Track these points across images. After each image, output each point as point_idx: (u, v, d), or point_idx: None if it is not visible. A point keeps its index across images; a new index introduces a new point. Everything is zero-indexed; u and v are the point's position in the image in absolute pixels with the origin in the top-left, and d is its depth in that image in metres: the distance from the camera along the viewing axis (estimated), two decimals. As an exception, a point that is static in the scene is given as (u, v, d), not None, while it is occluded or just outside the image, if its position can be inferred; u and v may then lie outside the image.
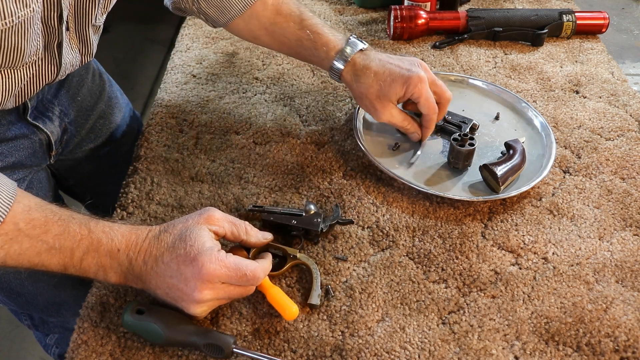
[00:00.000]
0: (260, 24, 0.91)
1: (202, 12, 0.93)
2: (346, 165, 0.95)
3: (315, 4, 1.40)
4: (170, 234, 0.67)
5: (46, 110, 0.93)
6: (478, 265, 0.80)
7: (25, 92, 0.80)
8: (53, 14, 0.73)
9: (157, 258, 0.66)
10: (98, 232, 0.67)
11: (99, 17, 0.83)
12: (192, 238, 0.66)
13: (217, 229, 0.69)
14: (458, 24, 1.26)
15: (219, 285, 0.66)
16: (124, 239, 0.67)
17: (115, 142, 1.11)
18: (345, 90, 1.11)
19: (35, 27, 0.70)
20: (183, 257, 0.65)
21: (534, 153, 0.96)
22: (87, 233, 0.66)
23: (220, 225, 0.70)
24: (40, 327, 1.22)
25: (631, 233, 0.85)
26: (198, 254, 0.64)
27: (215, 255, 0.65)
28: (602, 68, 1.19)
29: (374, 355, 0.70)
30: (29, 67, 0.76)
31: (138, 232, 0.68)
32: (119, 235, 0.67)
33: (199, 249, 0.65)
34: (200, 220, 0.68)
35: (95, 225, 0.67)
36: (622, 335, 0.72)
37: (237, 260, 0.67)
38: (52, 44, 0.77)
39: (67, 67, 0.83)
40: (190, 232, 0.66)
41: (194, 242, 0.65)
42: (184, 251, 0.65)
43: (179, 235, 0.67)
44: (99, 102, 1.07)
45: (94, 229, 0.67)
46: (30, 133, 0.90)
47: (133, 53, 2.65)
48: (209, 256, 0.64)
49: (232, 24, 0.93)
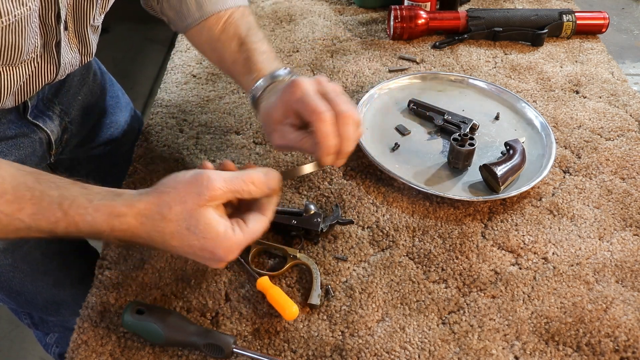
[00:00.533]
0: (208, 38, 0.88)
1: (164, 13, 0.92)
2: (346, 165, 0.95)
3: (315, 4, 1.40)
4: (170, 222, 0.61)
5: (47, 109, 0.93)
6: (478, 265, 0.80)
7: (25, 92, 0.80)
8: (50, 13, 0.73)
9: (162, 242, 0.62)
10: (73, 214, 0.61)
11: (97, 17, 0.83)
12: (203, 229, 0.61)
13: (220, 201, 0.63)
14: (458, 24, 1.26)
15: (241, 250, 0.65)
16: (106, 225, 0.61)
17: (116, 141, 1.11)
18: (345, 90, 1.11)
19: (33, 26, 0.70)
20: (200, 248, 0.62)
21: (534, 153, 0.96)
22: (62, 215, 0.61)
23: (224, 196, 0.62)
24: (40, 326, 1.22)
25: (631, 233, 0.85)
26: (215, 245, 0.61)
27: (234, 242, 0.62)
28: (602, 68, 1.19)
29: (374, 355, 0.70)
30: (27, 65, 0.76)
31: (121, 219, 0.61)
32: (99, 221, 0.61)
33: (215, 239, 0.61)
34: (202, 201, 0.61)
35: (70, 207, 0.61)
36: (622, 335, 0.72)
37: (252, 230, 0.64)
38: (50, 43, 0.77)
39: (66, 66, 0.83)
40: (198, 222, 0.60)
41: (207, 233, 0.61)
42: (198, 243, 0.61)
43: (182, 224, 0.61)
44: (100, 102, 1.07)
45: (69, 210, 0.61)
46: (30, 132, 0.90)
47: (133, 53, 2.65)
48: (229, 246, 0.62)
49: (188, 32, 0.91)
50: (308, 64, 1.19)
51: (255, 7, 1.38)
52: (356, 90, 1.11)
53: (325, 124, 0.68)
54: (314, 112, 0.68)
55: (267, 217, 0.66)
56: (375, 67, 1.18)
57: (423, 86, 1.11)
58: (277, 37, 1.27)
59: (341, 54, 1.21)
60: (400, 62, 1.20)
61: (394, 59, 1.20)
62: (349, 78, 1.14)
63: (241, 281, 0.77)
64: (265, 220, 0.66)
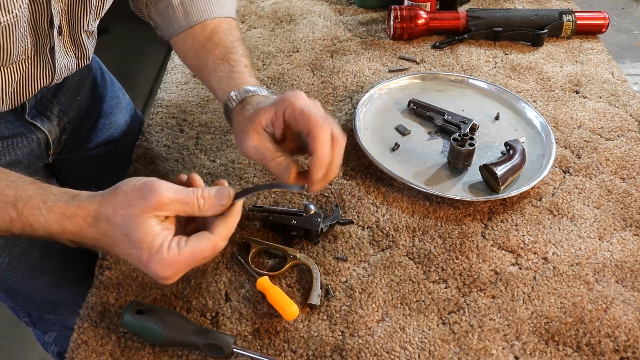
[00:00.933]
0: (193, 45, 0.87)
1: (151, 18, 0.92)
2: (346, 165, 0.95)
3: (315, 4, 1.40)
4: (113, 225, 0.59)
5: (45, 109, 0.93)
6: (478, 265, 0.80)
7: (20, 95, 0.80)
8: (43, 19, 0.73)
9: (108, 248, 0.61)
10: (27, 214, 0.60)
11: (91, 22, 0.83)
12: (139, 238, 0.58)
13: (167, 213, 0.61)
14: (458, 24, 1.26)
15: (181, 271, 0.61)
16: (57, 225, 0.60)
17: (116, 142, 1.11)
18: (345, 90, 1.11)
19: (22, 30, 0.70)
20: (136, 259, 0.60)
21: (534, 153, 0.96)
22: (16, 216, 0.60)
23: (170, 208, 0.60)
24: (39, 324, 1.22)
25: (631, 233, 0.85)
26: (149, 259, 0.59)
27: (167, 257, 0.59)
28: (602, 68, 1.19)
29: (374, 355, 0.70)
30: (19, 66, 0.76)
31: (72, 220, 0.60)
32: (51, 222, 0.60)
33: (149, 251, 0.59)
34: (146, 208, 0.59)
35: (24, 207, 0.60)
36: (622, 335, 0.72)
37: (192, 249, 0.60)
38: (44, 48, 0.77)
39: (62, 71, 0.83)
40: (135, 229, 0.58)
41: (142, 243, 0.58)
42: (134, 252, 0.59)
43: (122, 230, 0.59)
44: (100, 102, 1.07)
45: (23, 211, 0.60)
46: (28, 132, 0.90)
47: (133, 53, 2.65)
48: (161, 259, 0.59)
49: (173, 38, 0.90)
50: (308, 64, 1.19)
51: (255, 7, 1.38)
52: (356, 90, 1.11)
53: (325, 133, 0.67)
54: (317, 123, 0.67)
55: (217, 236, 0.61)
56: (375, 67, 1.18)
57: (423, 86, 1.11)
58: (277, 37, 1.27)
59: (341, 54, 1.21)
60: (400, 62, 1.20)
61: (394, 59, 1.20)
62: (349, 78, 1.14)
63: (241, 281, 0.77)
64: (212, 239, 0.61)
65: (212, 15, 0.86)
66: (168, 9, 0.87)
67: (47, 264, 1.00)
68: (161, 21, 0.90)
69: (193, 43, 0.87)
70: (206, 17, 0.86)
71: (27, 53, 0.75)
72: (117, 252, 0.61)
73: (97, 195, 0.62)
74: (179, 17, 0.87)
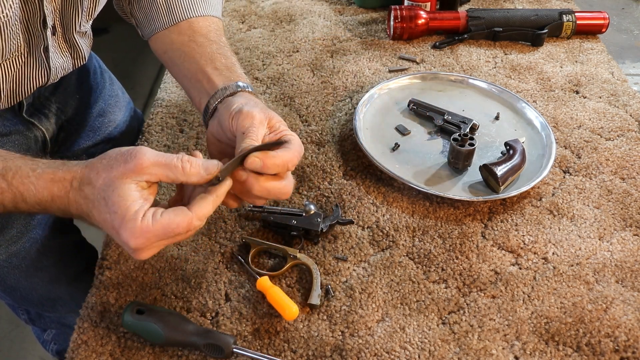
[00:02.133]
0: (179, 39, 0.84)
1: (133, 15, 0.90)
2: (346, 165, 0.95)
3: (315, 4, 1.40)
4: (94, 188, 0.59)
5: (42, 107, 0.93)
6: (478, 265, 0.80)
7: (16, 94, 0.80)
8: (36, 19, 0.73)
9: (88, 213, 0.60)
10: (17, 184, 0.60)
11: (83, 24, 0.82)
12: (115, 202, 0.57)
13: (148, 177, 0.59)
14: (458, 24, 1.26)
15: (154, 244, 0.59)
16: (46, 192, 0.60)
17: (115, 140, 1.11)
18: (345, 90, 1.11)
19: (14, 28, 0.70)
20: (110, 225, 0.58)
21: (534, 153, 0.96)
22: (6, 186, 0.60)
23: (150, 172, 0.59)
24: (37, 321, 1.22)
25: (631, 233, 0.85)
26: (121, 224, 0.57)
27: (139, 226, 0.57)
28: (602, 68, 1.19)
29: (374, 355, 0.70)
30: (12, 63, 0.76)
31: (60, 184, 0.60)
32: (40, 188, 0.60)
33: (123, 217, 0.57)
34: (127, 171, 0.58)
35: (13, 177, 0.60)
36: (622, 335, 0.72)
37: (167, 222, 0.58)
38: (38, 47, 0.77)
39: (58, 71, 0.83)
40: (113, 192, 0.57)
41: (117, 208, 0.57)
42: (110, 217, 0.58)
43: (101, 193, 0.58)
44: (99, 101, 1.07)
45: (13, 181, 0.60)
46: (25, 129, 0.91)
47: (133, 53, 2.65)
48: (132, 227, 0.57)
49: (154, 36, 0.88)
50: (308, 64, 1.19)
51: (255, 7, 1.38)
52: (356, 90, 1.11)
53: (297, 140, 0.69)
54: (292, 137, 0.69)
55: (194, 213, 0.59)
56: (375, 67, 1.18)
57: (423, 86, 1.11)
58: (277, 37, 1.27)
59: (341, 54, 1.21)
60: (400, 62, 1.20)
61: (394, 59, 1.20)
62: (349, 78, 1.14)
63: (241, 281, 0.77)
64: (188, 216, 0.59)
65: (197, 13, 0.85)
66: (151, 6, 0.86)
67: (44, 262, 1.00)
68: (143, 19, 0.88)
69: (179, 37, 0.84)
70: (192, 15, 0.85)
71: (21, 50, 0.75)
72: (95, 218, 0.60)
73: (83, 163, 0.62)
74: (161, 14, 0.85)
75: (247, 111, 0.69)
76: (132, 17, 0.91)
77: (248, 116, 0.68)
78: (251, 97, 0.75)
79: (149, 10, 0.87)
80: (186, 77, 0.82)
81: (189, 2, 0.85)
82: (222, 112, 0.73)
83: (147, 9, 0.87)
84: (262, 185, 0.65)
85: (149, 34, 0.88)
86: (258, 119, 0.68)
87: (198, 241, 0.82)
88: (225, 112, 0.72)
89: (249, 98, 0.74)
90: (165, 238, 0.59)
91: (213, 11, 0.87)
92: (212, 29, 0.85)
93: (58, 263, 1.02)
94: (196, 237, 0.83)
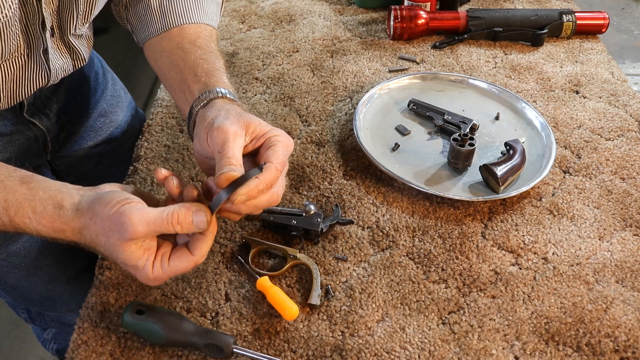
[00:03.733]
0: (169, 45, 0.83)
1: (128, 21, 0.89)
2: (346, 165, 0.95)
3: (315, 4, 1.40)
4: (99, 246, 0.62)
5: (44, 107, 0.93)
6: (478, 265, 0.80)
7: (16, 95, 0.80)
8: (35, 20, 0.73)
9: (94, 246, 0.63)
10: (18, 222, 0.63)
11: (79, 27, 0.82)
12: (123, 262, 0.62)
13: (143, 241, 0.62)
14: (458, 24, 1.26)
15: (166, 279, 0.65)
16: (49, 234, 0.63)
17: (117, 140, 1.11)
18: (345, 90, 1.11)
19: (13, 29, 0.70)
20: (127, 270, 0.64)
21: (534, 153, 0.96)
22: (8, 221, 0.63)
23: (146, 237, 0.62)
24: (37, 320, 1.22)
25: (631, 233, 0.85)
26: (136, 274, 0.63)
27: (152, 277, 0.62)
28: (602, 68, 1.19)
29: (374, 355, 0.70)
30: (11, 63, 0.76)
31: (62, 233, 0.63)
32: (42, 231, 0.63)
33: (136, 269, 0.62)
34: (123, 241, 0.60)
35: (15, 214, 0.63)
36: (622, 335, 0.72)
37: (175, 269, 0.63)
38: (38, 49, 0.77)
39: (58, 72, 0.83)
40: (118, 256, 0.61)
41: (127, 265, 0.62)
42: (124, 267, 0.63)
43: (108, 253, 0.62)
44: (101, 101, 1.07)
45: (15, 218, 0.63)
46: (26, 129, 0.90)
47: (133, 53, 2.64)
48: (146, 278, 0.62)
49: (148, 42, 0.86)
50: (308, 64, 1.19)
51: (255, 7, 1.38)
52: (356, 90, 1.11)
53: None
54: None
55: (196, 257, 0.63)
56: (375, 67, 1.18)
57: (423, 86, 1.11)
58: (277, 37, 1.27)
59: (341, 54, 1.21)
60: (400, 62, 1.20)
61: (394, 59, 1.20)
62: (349, 78, 1.14)
63: (241, 281, 0.77)
64: (193, 260, 0.63)
65: (191, 20, 0.84)
66: (146, 11, 0.85)
67: (44, 261, 1.00)
68: (137, 24, 0.87)
69: (169, 44, 0.83)
70: (184, 22, 0.83)
71: (20, 51, 0.75)
72: (103, 252, 0.63)
73: (79, 210, 0.62)
74: (156, 20, 0.84)
75: (219, 126, 0.66)
76: (128, 22, 0.90)
77: (220, 131, 0.65)
78: (224, 105, 0.71)
79: (144, 15, 0.86)
80: (172, 88, 0.81)
81: (183, 9, 0.84)
82: (198, 128, 0.71)
83: (141, 15, 0.86)
84: (250, 204, 0.65)
85: (143, 40, 0.87)
86: (232, 132, 0.65)
87: (198, 241, 0.82)
88: (200, 128, 0.70)
89: (221, 107, 0.70)
90: (177, 275, 0.66)
91: (208, 20, 0.86)
92: (202, 35, 0.84)
93: (58, 262, 1.02)
94: (196, 237, 0.83)
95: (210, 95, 0.73)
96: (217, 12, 0.90)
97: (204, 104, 0.72)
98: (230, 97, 0.74)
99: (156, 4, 0.84)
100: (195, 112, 0.73)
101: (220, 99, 0.73)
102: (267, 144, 0.68)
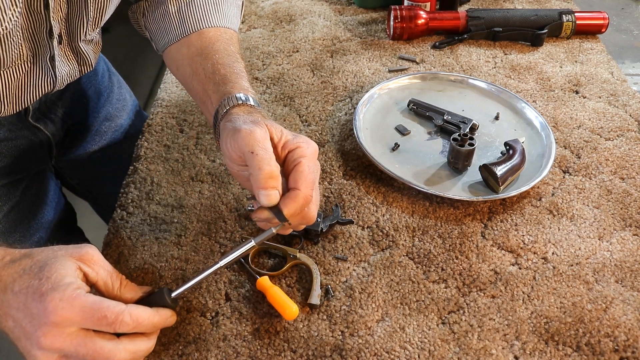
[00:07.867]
0: (188, 53, 0.82)
1: (147, 28, 0.89)
2: (346, 165, 0.95)
3: (315, 4, 1.40)
4: (32, 260, 0.57)
5: (49, 111, 0.93)
6: (478, 265, 0.80)
7: (21, 101, 0.79)
8: (42, 29, 0.72)
9: (7, 286, 0.56)
10: None
11: (89, 32, 0.81)
12: (52, 270, 0.55)
13: (89, 271, 0.58)
14: (458, 24, 1.26)
15: (72, 332, 0.54)
16: None
17: (121, 144, 1.11)
18: (345, 90, 1.11)
19: (15, 39, 0.69)
20: (33, 290, 0.54)
21: (534, 153, 0.96)
22: None
23: (94, 269, 0.58)
24: None
25: (631, 233, 0.85)
26: (51, 289, 0.53)
27: (69, 293, 0.53)
28: (602, 68, 1.19)
29: (373, 355, 0.70)
30: (15, 70, 0.75)
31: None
32: None
33: (54, 283, 0.54)
34: (74, 254, 0.57)
35: None
36: (621, 335, 0.72)
37: (97, 300, 0.55)
38: (44, 57, 0.76)
39: (63, 79, 0.82)
40: (53, 263, 0.55)
41: (51, 274, 0.54)
42: (38, 282, 0.54)
43: (40, 263, 0.56)
44: (107, 105, 1.06)
45: None
46: (31, 134, 0.90)
47: (133, 53, 2.65)
48: (62, 293, 0.53)
49: (167, 49, 0.86)
50: (308, 64, 1.19)
51: (255, 7, 1.38)
52: (356, 90, 1.11)
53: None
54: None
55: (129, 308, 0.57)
56: (375, 67, 1.18)
57: (423, 86, 1.11)
58: (277, 37, 1.27)
59: (341, 54, 1.21)
60: (400, 62, 1.20)
61: (394, 59, 1.21)
62: (349, 78, 1.15)
63: (241, 281, 0.77)
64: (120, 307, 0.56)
65: (210, 24, 0.82)
66: (164, 18, 0.84)
67: None
68: (157, 31, 0.87)
69: (189, 51, 0.82)
70: (203, 26, 0.82)
71: (23, 58, 0.74)
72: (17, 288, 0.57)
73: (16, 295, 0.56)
74: (175, 26, 0.83)
75: (246, 129, 0.64)
76: (146, 29, 0.89)
77: (244, 134, 0.64)
78: (241, 116, 0.69)
79: (162, 22, 0.85)
80: (196, 98, 0.80)
81: (201, 13, 0.82)
82: (222, 142, 0.69)
83: (160, 22, 0.85)
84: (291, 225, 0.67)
85: (162, 47, 0.86)
86: (259, 133, 0.64)
87: (198, 241, 0.82)
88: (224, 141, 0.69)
89: (238, 118, 0.69)
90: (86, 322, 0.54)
91: (228, 23, 0.84)
92: (222, 38, 0.82)
93: None
94: (196, 237, 0.83)
95: (228, 104, 0.72)
96: (238, 15, 0.89)
97: (222, 115, 0.71)
98: (250, 103, 0.72)
99: (174, 9, 0.83)
100: (217, 126, 0.73)
101: (238, 108, 0.71)
102: (291, 158, 0.67)
